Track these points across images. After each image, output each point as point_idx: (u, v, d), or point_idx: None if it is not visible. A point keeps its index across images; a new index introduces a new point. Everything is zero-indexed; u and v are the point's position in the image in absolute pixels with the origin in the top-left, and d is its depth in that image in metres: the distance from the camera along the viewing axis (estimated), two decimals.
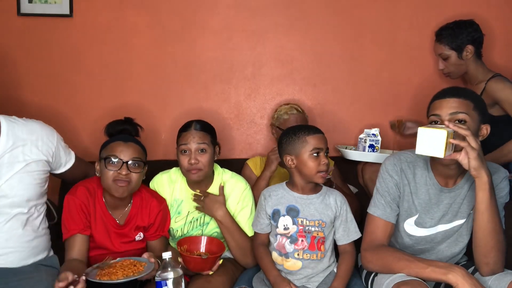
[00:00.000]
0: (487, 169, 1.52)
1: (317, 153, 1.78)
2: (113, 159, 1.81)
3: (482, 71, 2.38)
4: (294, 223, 1.81)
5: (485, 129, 1.64)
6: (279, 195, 1.86)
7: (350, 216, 1.85)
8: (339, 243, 1.85)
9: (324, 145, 1.82)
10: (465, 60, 2.37)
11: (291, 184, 1.88)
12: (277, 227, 1.84)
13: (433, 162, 1.73)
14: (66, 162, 1.97)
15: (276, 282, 1.76)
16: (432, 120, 1.65)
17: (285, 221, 1.82)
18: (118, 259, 1.69)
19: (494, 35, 2.60)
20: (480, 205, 1.56)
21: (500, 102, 2.27)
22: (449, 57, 2.38)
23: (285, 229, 1.82)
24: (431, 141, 1.47)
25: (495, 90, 2.28)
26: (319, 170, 1.79)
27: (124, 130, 1.94)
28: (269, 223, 1.87)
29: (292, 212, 1.82)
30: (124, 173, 1.80)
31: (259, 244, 1.90)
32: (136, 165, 1.84)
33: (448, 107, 1.61)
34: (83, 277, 1.56)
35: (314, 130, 1.83)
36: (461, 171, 1.71)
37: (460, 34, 2.34)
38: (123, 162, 1.81)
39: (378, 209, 1.77)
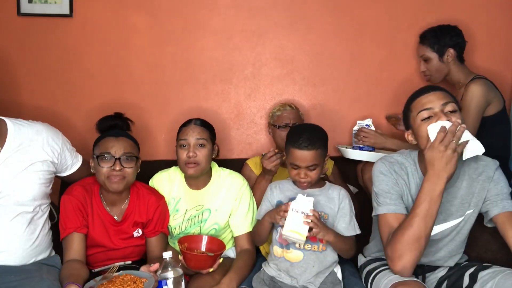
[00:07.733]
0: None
1: (296, 167, 1.80)
2: (105, 156, 1.84)
3: (463, 75, 2.41)
4: None
5: None
6: (284, 188, 1.90)
7: (352, 210, 1.85)
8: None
9: (305, 163, 1.77)
10: (446, 64, 2.41)
11: None
12: None
13: (420, 163, 1.74)
14: (73, 164, 1.99)
15: (270, 212, 1.80)
16: (423, 116, 1.65)
17: None
18: (121, 271, 1.69)
19: (492, 36, 2.60)
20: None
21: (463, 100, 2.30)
22: (431, 60, 2.42)
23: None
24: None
25: (466, 94, 2.31)
26: (296, 180, 1.84)
27: (115, 125, 1.97)
28: None
29: None
30: (117, 168, 1.83)
31: None
32: (129, 159, 1.87)
33: (439, 99, 1.66)
34: None
35: (301, 143, 1.76)
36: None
37: (442, 37, 2.38)
38: (116, 159, 1.83)
39: (384, 207, 1.72)
